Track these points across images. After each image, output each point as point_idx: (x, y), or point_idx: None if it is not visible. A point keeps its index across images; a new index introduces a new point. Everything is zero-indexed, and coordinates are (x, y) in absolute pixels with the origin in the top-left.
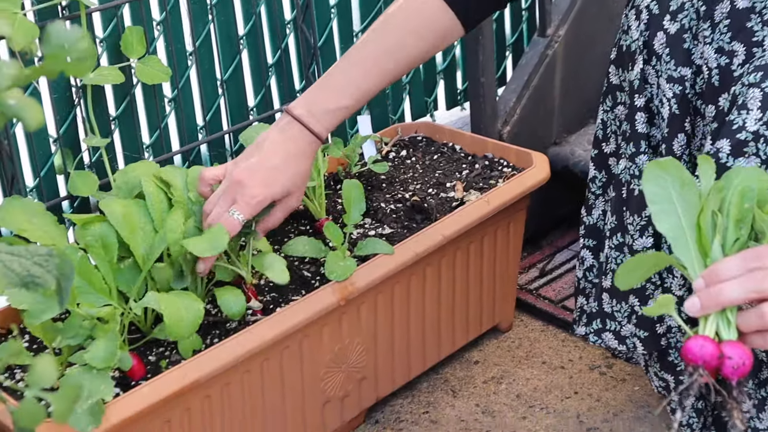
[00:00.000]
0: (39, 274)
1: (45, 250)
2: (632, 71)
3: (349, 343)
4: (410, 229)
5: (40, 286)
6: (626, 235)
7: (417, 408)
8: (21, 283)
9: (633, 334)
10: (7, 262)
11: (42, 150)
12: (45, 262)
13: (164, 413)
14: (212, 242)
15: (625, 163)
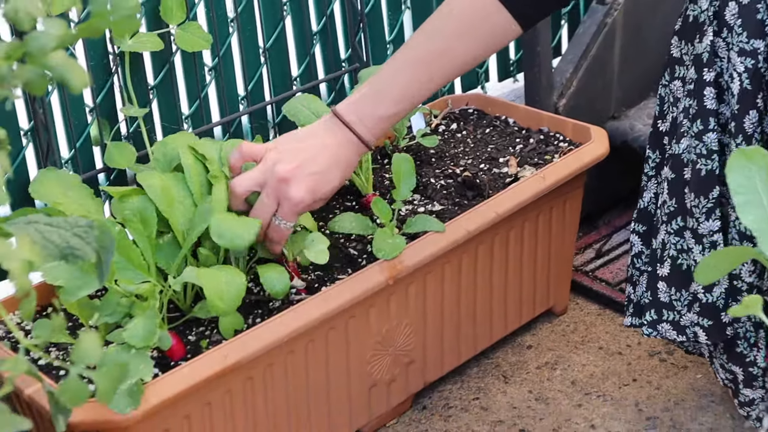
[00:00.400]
0: (78, 246)
1: (85, 221)
2: (700, 44)
3: (396, 324)
4: (461, 206)
5: (79, 258)
6: (689, 218)
7: (467, 394)
8: (60, 255)
9: (695, 323)
10: (46, 233)
11: (78, 120)
12: (85, 234)
13: (205, 395)
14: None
15: (688, 141)
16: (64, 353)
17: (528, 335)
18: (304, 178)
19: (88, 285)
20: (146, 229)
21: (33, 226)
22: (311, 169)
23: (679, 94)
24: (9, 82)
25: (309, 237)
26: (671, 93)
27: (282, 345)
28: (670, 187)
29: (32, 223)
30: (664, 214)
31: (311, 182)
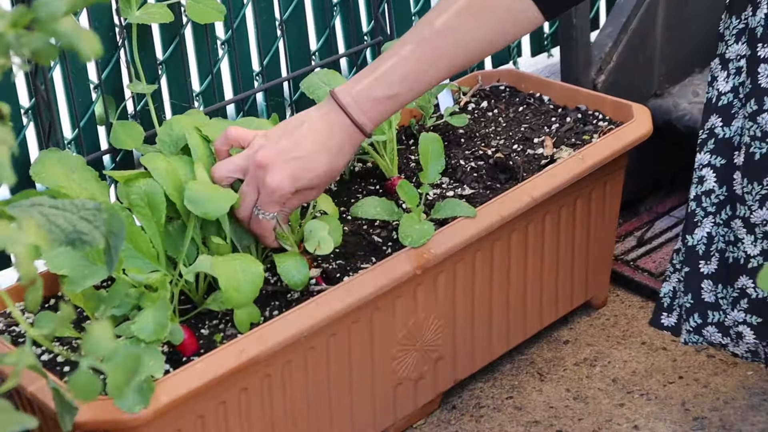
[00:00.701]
0: (86, 230)
1: (92, 203)
2: (755, 16)
3: (424, 318)
4: (493, 190)
5: (87, 244)
6: (740, 206)
7: (499, 392)
8: (66, 240)
9: (740, 321)
10: (51, 216)
11: (81, 97)
12: (93, 217)
13: (220, 393)
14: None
15: (741, 122)
16: (67, 348)
17: (565, 329)
18: (284, 164)
19: (95, 274)
20: (155, 214)
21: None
22: (293, 153)
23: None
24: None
25: (306, 227)
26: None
27: (302, 340)
28: (718, 175)
29: (36, 205)
30: (711, 204)
31: (290, 168)
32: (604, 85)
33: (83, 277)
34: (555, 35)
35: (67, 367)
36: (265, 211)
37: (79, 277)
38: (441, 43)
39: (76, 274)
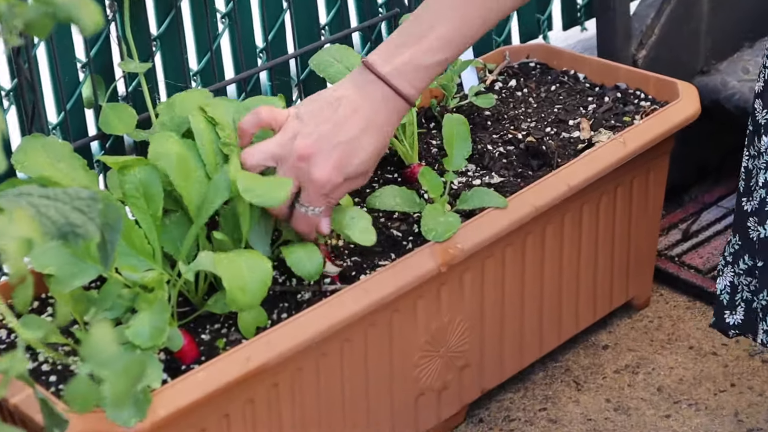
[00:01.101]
0: (80, 222)
1: (87, 192)
2: None
3: (449, 321)
4: (525, 178)
5: (80, 237)
6: None
7: (532, 404)
8: (59, 233)
9: None
10: (42, 207)
11: (68, 77)
12: (87, 208)
13: (223, 405)
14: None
15: None
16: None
17: (604, 333)
18: (329, 152)
19: (84, 273)
20: (151, 206)
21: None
22: (337, 139)
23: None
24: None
25: (347, 213)
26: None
27: (313, 345)
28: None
29: (24, 195)
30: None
31: (337, 156)
32: (645, 61)
33: (71, 276)
34: (589, 6)
35: (53, 376)
36: (312, 206)
37: (66, 276)
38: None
39: (63, 273)
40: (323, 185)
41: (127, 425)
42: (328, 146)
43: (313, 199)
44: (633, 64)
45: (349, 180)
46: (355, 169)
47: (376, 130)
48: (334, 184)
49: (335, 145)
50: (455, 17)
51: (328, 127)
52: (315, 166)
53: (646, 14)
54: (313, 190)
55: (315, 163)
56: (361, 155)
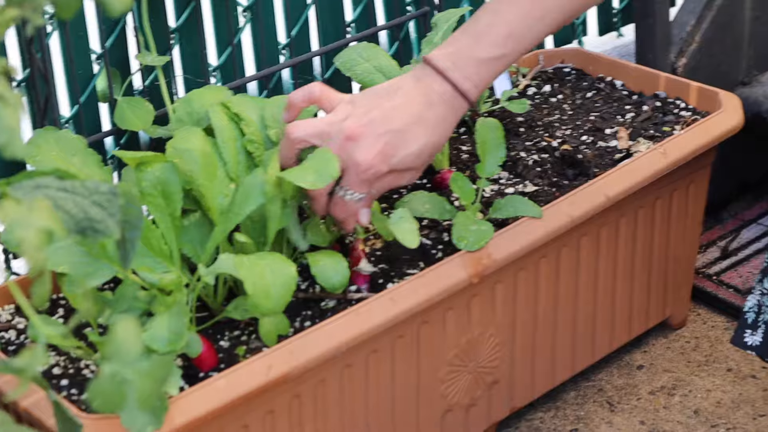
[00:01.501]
0: (99, 217)
1: (107, 186)
2: None
3: (479, 334)
4: (560, 187)
5: (99, 233)
6: None
7: (563, 424)
8: (77, 228)
9: None
10: (60, 200)
11: (82, 69)
12: (107, 203)
13: (242, 415)
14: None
15: None
16: (65, 359)
17: (638, 353)
18: (376, 137)
19: (99, 272)
20: (169, 205)
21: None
22: (386, 126)
23: None
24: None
25: (395, 212)
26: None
27: (338, 356)
28: None
29: (41, 187)
30: None
31: (384, 144)
32: (684, 70)
33: (86, 276)
34: (626, 12)
35: (65, 380)
36: (352, 190)
37: (81, 275)
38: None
39: (77, 272)
40: (366, 169)
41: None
42: (377, 131)
43: (354, 183)
44: (672, 73)
45: (395, 173)
46: (401, 160)
47: (428, 125)
48: (377, 171)
49: (384, 132)
50: (514, 14)
51: (380, 112)
52: (360, 148)
53: (686, 21)
54: (355, 173)
55: (361, 145)
56: (409, 147)
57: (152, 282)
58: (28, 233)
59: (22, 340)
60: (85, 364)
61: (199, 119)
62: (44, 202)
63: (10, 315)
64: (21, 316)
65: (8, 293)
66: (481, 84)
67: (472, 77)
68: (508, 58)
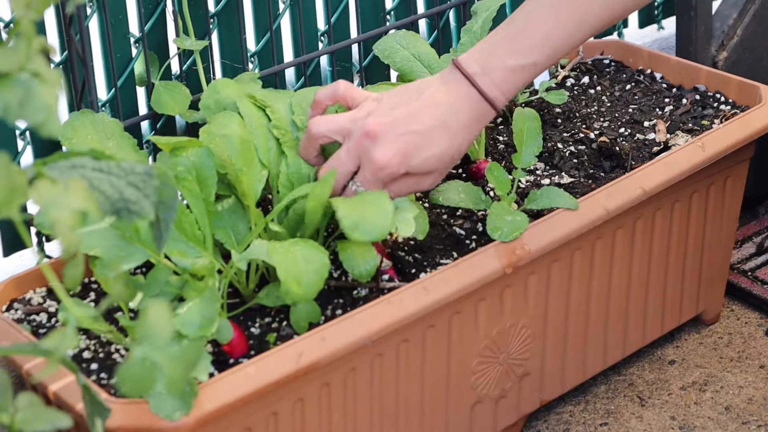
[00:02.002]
0: (135, 198)
1: (142, 167)
2: None
3: (511, 326)
4: (596, 179)
5: (134, 214)
6: None
7: (592, 418)
8: (112, 209)
9: None
10: (95, 180)
11: (120, 53)
12: (143, 184)
13: (272, 402)
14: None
15: None
16: (95, 343)
17: (671, 348)
18: (396, 137)
19: (132, 256)
20: (203, 190)
21: (78, 171)
22: (408, 127)
23: None
24: None
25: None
26: None
27: (369, 345)
28: None
29: (77, 167)
30: None
31: (402, 143)
32: (725, 64)
33: (118, 259)
34: (668, 4)
35: (95, 364)
36: (364, 187)
37: (113, 258)
38: (586, 1)
39: (110, 255)
40: (381, 168)
41: (171, 418)
42: (398, 131)
43: (367, 180)
44: (713, 66)
45: (412, 176)
46: (419, 163)
47: (452, 130)
48: (392, 171)
49: (405, 132)
50: (549, 19)
51: (403, 112)
52: (378, 146)
53: (728, 14)
54: (369, 170)
55: (379, 142)
56: (429, 150)
57: (185, 267)
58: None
59: (53, 323)
60: (115, 349)
61: (226, 108)
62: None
63: (41, 298)
64: (52, 299)
65: (41, 276)
66: (510, 91)
67: (500, 85)
68: (540, 66)
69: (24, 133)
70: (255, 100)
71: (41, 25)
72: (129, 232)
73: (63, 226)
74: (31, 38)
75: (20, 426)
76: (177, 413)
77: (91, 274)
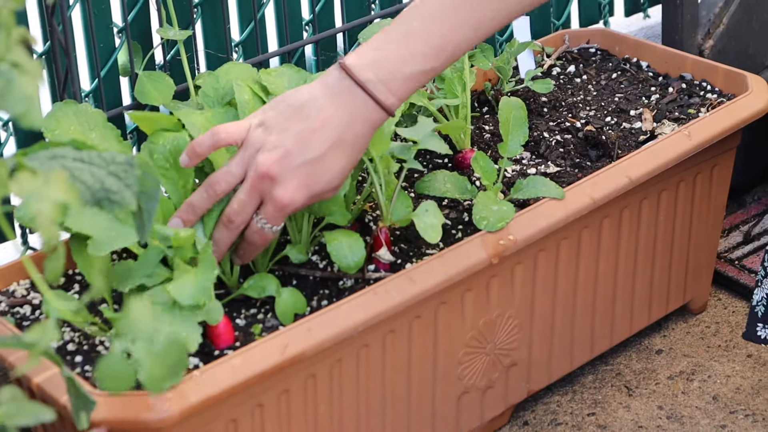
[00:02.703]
0: (116, 188)
1: (123, 157)
2: None
3: (497, 316)
4: (583, 169)
5: (116, 204)
6: None
7: (580, 408)
8: (93, 199)
9: None
10: (76, 171)
11: (103, 42)
12: (124, 174)
13: (257, 394)
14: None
15: None
16: (79, 335)
17: (658, 337)
18: (293, 171)
19: (123, 237)
20: (181, 178)
21: (59, 162)
22: (302, 156)
23: None
24: None
25: (422, 205)
26: None
27: (354, 335)
28: None
29: (58, 158)
30: None
31: (303, 176)
32: (711, 52)
33: (110, 240)
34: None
35: (79, 356)
36: (271, 224)
37: (104, 239)
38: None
39: (101, 236)
40: (285, 206)
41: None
42: (293, 165)
43: (272, 217)
44: (699, 55)
45: (315, 197)
46: (322, 188)
47: (347, 146)
48: (296, 205)
49: (300, 164)
50: (444, 22)
51: (294, 140)
52: (278, 187)
53: (714, 2)
54: (273, 209)
55: (278, 183)
56: (329, 174)
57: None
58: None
59: (38, 315)
60: (100, 341)
61: (224, 95)
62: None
63: (25, 290)
64: (36, 291)
65: (24, 268)
66: (406, 96)
67: (397, 92)
68: (437, 70)
69: (6, 124)
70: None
71: (23, 15)
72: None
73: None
74: (10, 28)
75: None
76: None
77: (75, 266)
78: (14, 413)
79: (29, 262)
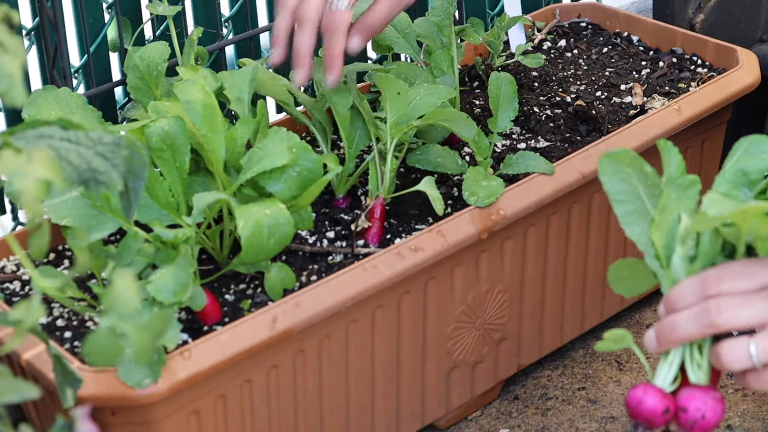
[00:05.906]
0: (102, 168)
1: (110, 137)
2: None
3: (487, 290)
4: (572, 143)
5: (102, 185)
6: None
7: (570, 382)
8: (79, 179)
9: None
10: (63, 150)
11: (92, 18)
12: (111, 154)
13: (246, 369)
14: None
15: None
16: (68, 311)
17: (648, 312)
18: None
19: (103, 225)
20: (176, 158)
21: (45, 141)
22: None
23: None
24: None
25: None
26: None
27: (343, 311)
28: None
29: (44, 137)
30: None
31: None
32: (702, 27)
33: (89, 229)
34: None
35: (68, 332)
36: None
37: (84, 228)
38: None
39: (81, 225)
40: None
41: (140, 386)
42: None
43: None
44: (690, 29)
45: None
46: None
47: None
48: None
49: None
50: None
51: None
52: None
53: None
54: None
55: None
56: None
57: (161, 235)
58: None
59: (27, 291)
60: (89, 317)
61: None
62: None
63: (15, 266)
64: None
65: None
66: None
67: None
68: None
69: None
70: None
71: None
72: (99, 201)
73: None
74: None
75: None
76: (146, 380)
77: (65, 241)
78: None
79: (13, 239)
